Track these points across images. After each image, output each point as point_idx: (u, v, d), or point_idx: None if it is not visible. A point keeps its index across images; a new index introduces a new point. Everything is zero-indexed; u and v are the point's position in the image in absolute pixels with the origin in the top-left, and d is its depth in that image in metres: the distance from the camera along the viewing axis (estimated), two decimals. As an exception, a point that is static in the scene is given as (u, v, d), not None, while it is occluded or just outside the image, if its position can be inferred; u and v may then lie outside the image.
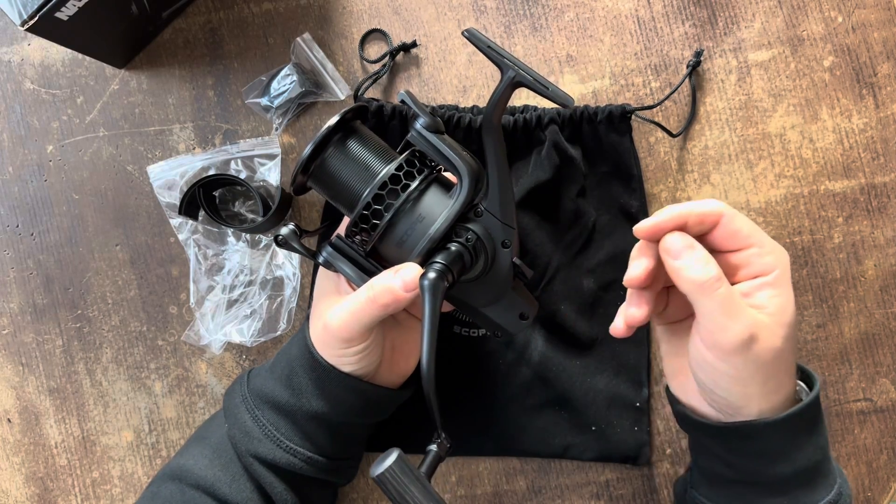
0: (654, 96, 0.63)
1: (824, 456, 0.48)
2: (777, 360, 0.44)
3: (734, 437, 0.47)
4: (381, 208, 0.48)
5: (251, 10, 0.64)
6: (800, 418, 0.46)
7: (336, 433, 0.54)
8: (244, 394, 0.54)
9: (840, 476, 0.49)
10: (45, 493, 0.65)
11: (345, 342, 0.49)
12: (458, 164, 0.47)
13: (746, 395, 0.45)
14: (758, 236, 0.45)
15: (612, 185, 0.62)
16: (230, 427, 0.53)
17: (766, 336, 0.43)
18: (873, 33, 0.63)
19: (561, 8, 0.64)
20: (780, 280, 0.45)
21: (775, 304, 0.44)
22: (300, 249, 0.51)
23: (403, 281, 0.46)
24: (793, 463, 0.46)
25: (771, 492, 0.47)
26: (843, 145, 0.63)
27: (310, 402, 0.52)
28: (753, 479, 0.48)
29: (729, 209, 0.45)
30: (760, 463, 0.47)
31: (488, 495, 0.63)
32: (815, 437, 0.47)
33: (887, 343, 0.63)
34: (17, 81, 0.65)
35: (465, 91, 0.64)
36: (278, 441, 0.52)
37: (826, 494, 0.47)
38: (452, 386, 0.61)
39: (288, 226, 0.51)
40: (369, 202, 0.48)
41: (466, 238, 0.48)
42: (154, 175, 0.62)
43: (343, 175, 0.49)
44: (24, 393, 0.65)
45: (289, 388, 0.52)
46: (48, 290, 0.65)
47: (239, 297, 0.63)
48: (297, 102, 0.63)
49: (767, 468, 0.47)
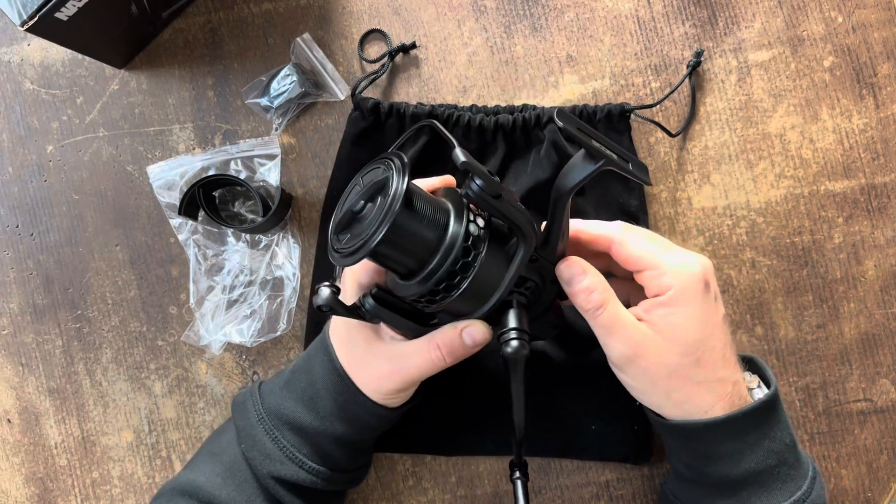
0: (654, 96, 0.63)
1: (780, 461, 0.48)
2: (673, 374, 0.46)
3: (679, 434, 0.49)
4: (458, 272, 0.45)
5: (251, 10, 0.64)
6: (741, 422, 0.47)
7: (353, 449, 0.54)
8: (260, 413, 0.53)
9: (813, 483, 0.49)
10: (44, 494, 0.65)
11: (400, 393, 0.50)
12: (521, 224, 0.45)
13: (654, 404, 0.49)
14: (651, 259, 0.47)
15: (610, 185, 0.62)
16: (247, 448, 0.52)
17: (655, 352, 0.46)
18: (873, 33, 0.63)
19: (561, 8, 0.64)
20: (676, 299, 0.46)
21: (667, 323, 0.46)
22: (346, 314, 0.47)
23: (473, 340, 0.47)
24: (738, 465, 0.47)
25: (719, 492, 0.49)
26: (844, 145, 0.63)
27: (334, 426, 0.51)
28: (702, 479, 0.50)
29: (624, 234, 0.47)
30: (705, 463, 0.49)
31: (488, 495, 0.63)
32: (766, 442, 0.48)
33: (887, 343, 0.63)
34: (16, 82, 0.65)
35: (465, 91, 0.64)
36: (301, 463, 0.52)
37: (784, 499, 0.47)
38: (452, 385, 0.61)
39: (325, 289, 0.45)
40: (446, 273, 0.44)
41: (525, 286, 0.48)
42: (154, 175, 0.62)
43: (408, 243, 0.44)
44: (24, 393, 0.65)
45: (312, 410, 0.52)
46: (48, 291, 0.65)
47: (239, 297, 0.63)
48: (296, 102, 0.63)
49: (712, 468, 0.48)
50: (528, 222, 0.45)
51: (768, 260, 0.63)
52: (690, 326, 0.46)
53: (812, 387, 0.63)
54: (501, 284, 0.46)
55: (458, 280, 0.45)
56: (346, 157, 0.62)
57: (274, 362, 0.64)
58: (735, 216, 0.63)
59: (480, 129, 0.60)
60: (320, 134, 0.64)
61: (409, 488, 0.64)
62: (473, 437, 0.62)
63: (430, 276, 0.44)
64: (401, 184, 0.42)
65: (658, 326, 0.46)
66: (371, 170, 0.45)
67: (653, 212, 0.63)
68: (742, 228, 0.63)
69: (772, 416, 0.48)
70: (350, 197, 0.46)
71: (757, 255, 0.63)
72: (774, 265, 0.63)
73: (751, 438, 0.47)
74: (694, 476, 0.51)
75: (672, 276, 0.46)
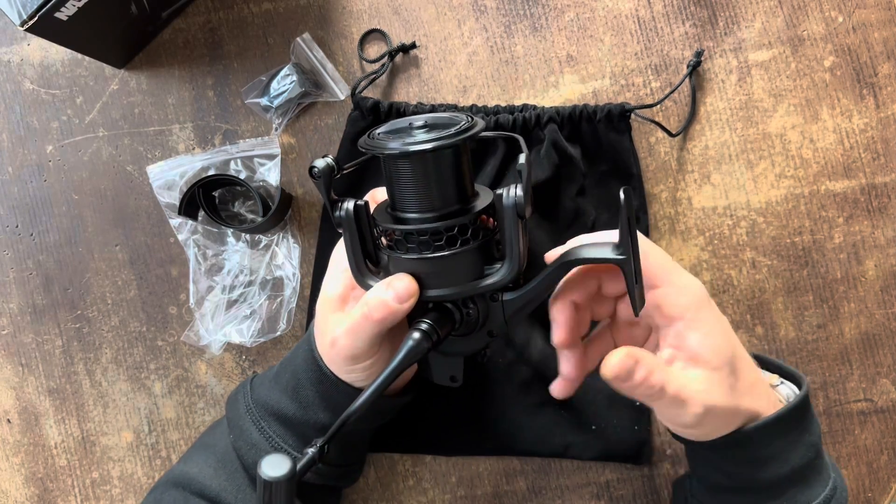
0: (654, 96, 0.63)
1: (817, 453, 0.48)
2: (727, 402, 0.45)
3: (726, 447, 0.47)
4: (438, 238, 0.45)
5: (251, 10, 0.64)
6: (788, 419, 0.46)
7: (342, 442, 0.54)
8: (248, 404, 0.54)
9: (834, 471, 0.49)
10: (44, 494, 0.65)
11: (352, 360, 0.49)
12: (514, 255, 0.45)
13: (717, 432, 0.47)
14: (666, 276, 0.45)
15: (611, 185, 0.62)
16: (235, 439, 0.53)
17: (713, 393, 0.44)
18: (874, 33, 0.63)
19: (561, 8, 0.64)
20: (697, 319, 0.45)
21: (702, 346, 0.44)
22: (325, 193, 0.46)
23: (396, 294, 0.45)
24: (786, 463, 0.47)
25: (769, 495, 0.48)
26: (844, 145, 0.63)
27: (317, 415, 0.52)
28: (750, 485, 0.48)
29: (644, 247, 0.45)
30: (755, 468, 0.47)
31: (488, 496, 0.63)
32: (807, 436, 0.47)
33: (888, 343, 0.63)
34: (16, 81, 0.65)
35: (465, 91, 0.64)
36: (286, 453, 0.52)
37: (822, 490, 0.47)
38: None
39: (326, 159, 0.45)
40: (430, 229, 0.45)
41: (468, 312, 0.47)
42: (154, 175, 0.62)
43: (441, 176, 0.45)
44: (24, 393, 0.65)
45: (295, 400, 0.52)
46: (48, 291, 0.65)
47: (239, 297, 0.63)
48: (296, 102, 0.63)
49: (762, 472, 0.47)
50: (520, 260, 0.45)
51: (768, 260, 0.63)
52: (720, 342, 0.45)
53: (812, 387, 0.63)
54: (455, 287, 0.46)
55: (429, 245, 0.45)
56: (345, 157, 0.62)
57: (274, 362, 0.64)
58: (735, 216, 0.63)
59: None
60: (320, 134, 0.64)
61: (409, 488, 0.64)
62: (474, 438, 0.62)
63: (418, 221, 0.45)
64: (474, 129, 0.44)
65: (695, 354, 0.44)
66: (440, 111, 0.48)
67: (653, 212, 0.63)
68: (742, 228, 0.63)
69: (808, 410, 0.48)
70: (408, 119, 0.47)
71: (757, 255, 0.63)
72: (775, 265, 0.63)
73: (794, 435, 0.47)
74: (737, 484, 0.49)
75: (686, 294, 0.45)
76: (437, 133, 0.43)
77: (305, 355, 0.52)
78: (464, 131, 0.43)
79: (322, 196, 0.46)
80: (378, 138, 0.45)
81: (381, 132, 0.46)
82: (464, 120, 0.44)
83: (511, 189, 0.44)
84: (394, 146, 0.43)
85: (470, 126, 0.44)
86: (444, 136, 0.43)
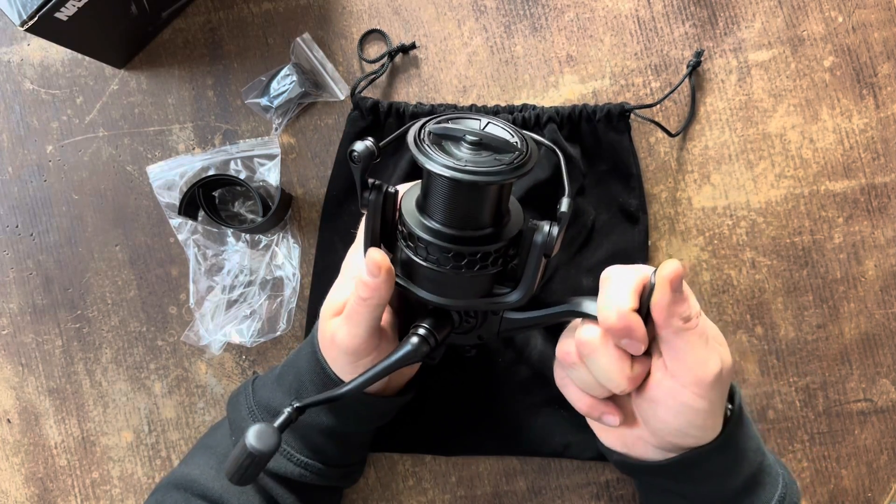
0: (654, 96, 0.63)
1: (763, 454, 0.49)
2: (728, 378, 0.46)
3: (683, 467, 0.48)
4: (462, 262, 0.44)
5: (251, 10, 0.64)
6: (736, 429, 0.47)
7: (343, 443, 0.54)
8: (250, 406, 0.53)
9: (780, 466, 0.50)
10: (44, 494, 0.65)
11: (353, 355, 0.49)
12: (528, 284, 0.45)
13: (714, 425, 0.46)
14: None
15: (610, 184, 0.62)
16: (237, 440, 0.52)
17: (726, 358, 0.45)
18: (874, 33, 0.63)
19: (561, 8, 0.64)
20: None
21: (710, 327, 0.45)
22: (360, 178, 0.45)
23: (367, 266, 0.45)
24: (741, 473, 0.48)
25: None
26: (844, 145, 0.63)
27: (320, 417, 0.52)
28: (709, 501, 0.49)
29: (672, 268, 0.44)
30: (712, 484, 0.48)
31: (488, 496, 0.63)
32: (752, 441, 0.48)
33: (888, 343, 0.63)
34: (16, 81, 0.65)
35: (465, 91, 0.64)
36: (289, 455, 0.52)
37: (775, 490, 0.48)
38: (452, 385, 0.61)
39: (366, 142, 0.44)
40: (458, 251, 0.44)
41: (468, 319, 0.48)
42: (154, 175, 0.62)
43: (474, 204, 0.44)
44: (24, 393, 0.65)
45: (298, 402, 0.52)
46: (48, 291, 0.65)
47: (238, 297, 0.63)
48: (296, 102, 0.63)
49: (720, 486, 0.48)
50: (533, 288, 0.46)
51: (768, 260, 0.63)
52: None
53: (812, 387, 0.63)
54: (463, 300, 0.46)
55: (449, 262, 0.44)
56: (345, 157, 0.62)
57: (274, 362, 0.64)
58: (735, 216, 0.63)
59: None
60: (320, 134, 0.64)
61: (409, 488, 0.64)
62: (473, 437, 0.62)
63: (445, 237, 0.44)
64: (528, 165, 0.42)
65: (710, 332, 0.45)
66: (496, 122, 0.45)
67: (653, 212, 0.63)
68: (742, 228, 0.63)
69: (744, 415, 0.49)
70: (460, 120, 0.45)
71: (757, 255, 0.63)
72: (774, 265, 0.63)
73: (743, 441, 0.48)
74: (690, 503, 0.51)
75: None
76: (491, 159, 0.42)
77: (308, 358, 0.52)
78: (519, 166, 0.41)
79: (356, 180, 0.45)
80: (427, 145, 0.42)
81: (432, 132, 0.43)
82: (518, 147, 0.42)
83: (545, 228, 0.44)
84: (442, 164, 0.41)
85: (524, 160, 0.42)
86: (496, 171, 0.41)
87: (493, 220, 0.45)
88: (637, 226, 0.61)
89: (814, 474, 0.63)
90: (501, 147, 0.42)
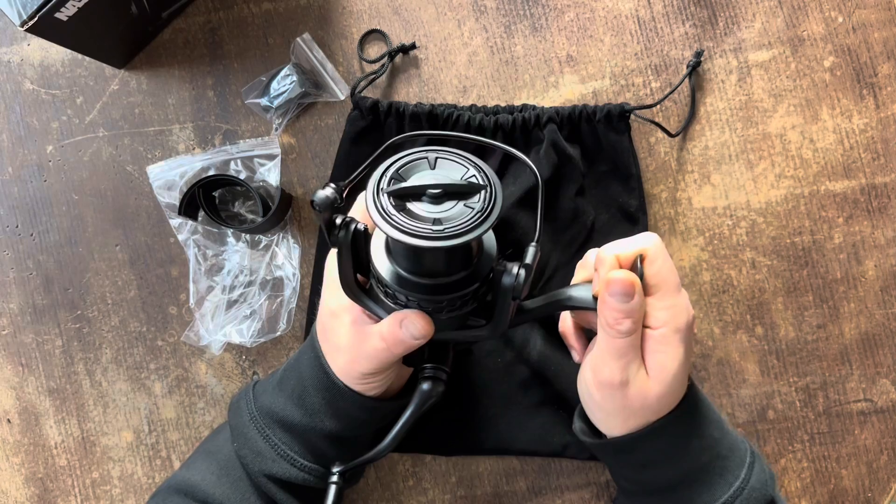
0: (654, 96, 0.63)
1: (714, 455, 0.49)
2: (644, 407, 0.47)
3: (616, 451, 0.50)
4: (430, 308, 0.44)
5: (251, 10, 0.64)
6: (671, 428, 0.48)
7: (346, 446, 0.54)
8: (252, 411, 0.53)
9: (749, 469, 0.50)
10: (44, 494, 0.65)
11: (367, 376, 0.50)
12: (499, 324, 0.46)
13: (607, 424, 0.49)
14: (663, 286, 0.46)
15: (610, 185, 0.62)
16: (239, 447, 0.52)
17: (639, 387, 0.46)
18: (874, 33, 0.63)
19: (561, 8, 0.64)
20: (667, 339, 0.46)
21: (655, 361, 0.46)
22: (325, 225, 0.43)
23: (412, 335, 0.46)
24: (676, 466, 0.49)
25: (662, 497, 0.50)
26: (844, 146, 0.63)
27: (323, 422, 0.51)
28: (645, 488, 0.51)
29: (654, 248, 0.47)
30: (646, 472, 0.50)
31: (488, 496, 0.63)
32: (698, 440, 0.49)
33: (888, 343, 0.63)
34: (16, 82, 0.65)
35: (465, 91, 0.64)
36: (293, 461, 0.52)
37: (725, 491, 0.48)
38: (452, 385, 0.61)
39: (326, 191, 0.42)
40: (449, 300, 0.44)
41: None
42: (154, 175, 0.62)
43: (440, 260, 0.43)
44: (24, 393, 0.65)
45: (301, 407, 0.52)
46: (48, 291, 0.65)
47: (238, 297, 0.63)
48: (296, 102, 0.63)
49: (653, 475, 0.50)
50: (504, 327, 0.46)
51: (768, 260, 0.63)
52: (674, 368, 0.47)
53: (812, 387, 0.63)
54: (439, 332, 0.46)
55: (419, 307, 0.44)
56: (345, 157, 0.62)
57: (274, 363, 0.64)
58: (735, 216, 0.63)
59: (480, 129, 0.60)
60: (320, 134, 0.64)
61: (409, 488, 0.64)
62: (473, 437, 0.62)
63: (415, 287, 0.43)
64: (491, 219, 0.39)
65: (648, 363, 0.47)
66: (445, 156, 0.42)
67: (653, 212, 0.63)
68: (742, 228, 0.63)
69: (696, 415, 0.49)
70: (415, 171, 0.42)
71: (757, 255, 0.63)
72: (774, 265, 0.63)
73: (683, 439, 0.48)
74: (635, 488, 0.52)
75: (670, 313, 0.46)
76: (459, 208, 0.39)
77: (311, 362, 0.51)
78: (486, 216, 0.39)
79: (322, 227, 0.44)
80: (387, 208, 0.39)
81: (389, 190, 0.40)
82: (481, 184, 0.40)
83: (514, 270, 0.43)
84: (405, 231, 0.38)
85: (492, 203, 0.39)
86: (463, 230, 0.38)
87: (464, 265, 0.44)
88: (637, 226, 0.61)
89: (814, 474, 0.63)
90: (466, 191, 0.40)
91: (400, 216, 0.39)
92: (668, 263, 0.47)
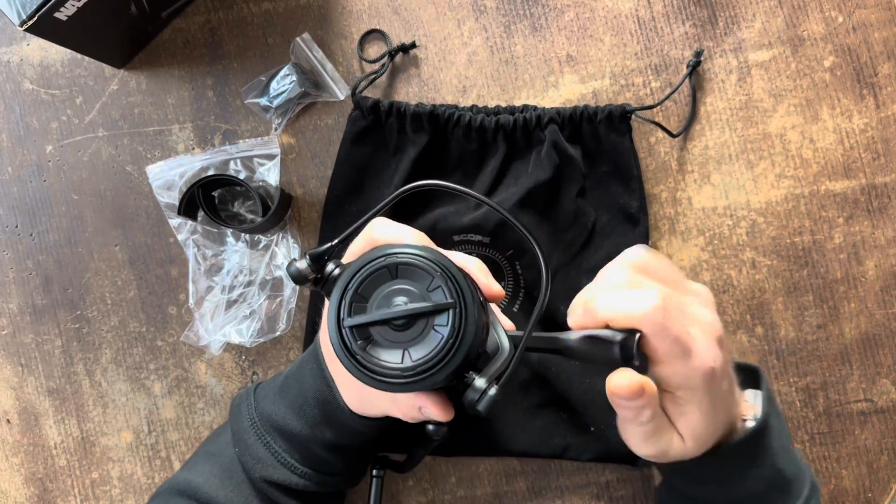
0: (654, 96, 0.63)
1: (770, 485, 0.48)
2: (684, 458, 0.46)
3: (672, 472, 0.50)
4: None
5: (251, 10, 0.64)
6: (731, 454, 0.47)
7: (345, 454, 0.54)
8: (252, 417, 0.53)
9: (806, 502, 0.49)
10: (44, 494, 0.65)
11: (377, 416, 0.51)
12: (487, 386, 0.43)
13: None
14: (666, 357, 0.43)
15: (611, 186, 0.62)
16: (241, 452, 0.53)
17: (677, 451, 0.46)
18: (874, 33, 0.63)
19: (561, 8, 0.63)
20: (687, 398, 0.44)
21: (683, 424, 0.45)
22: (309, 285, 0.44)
23: (431, 419, 0.47)
24: (728, 493, 0.48)
25: None
26: (844, 145, 0.63)
27: (323, 433, 0.51)
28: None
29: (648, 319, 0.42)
30: (702, 491, 0.49)
31: (488, 496, 0.63)
32: (755, 470, 0.47)
33: (888, 344, 0.63)
34: (16, 82, 0.65)
35: (465, 91, 0.64)
36: (293, 467, 0.52)
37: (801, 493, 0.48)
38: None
39: (300, 264, 0.43)
40: None
41: None
42: (153, 175, 0.62)
43: None
44: (24, 393, 0.65)
45: (301, 418, 0.52)
46: (47, 291, 0.65)
47: (238, 297, 0.63)
48: (296, 102, 0.63)
49: (709, 496, 0.49)
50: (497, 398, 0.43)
51: (768, 260, 0.63)
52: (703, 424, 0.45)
53: (812, 387, 0.63)
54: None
55: None
56: (345, 157, 0.62)
57: (273, 363, 0.64)
58: (735, 216, 0.63)
59: (481, 130, 0.60)
60: (320, 134, 0.64)
61: (409, 488, 0.64)
62: (473, 438, 0.62)
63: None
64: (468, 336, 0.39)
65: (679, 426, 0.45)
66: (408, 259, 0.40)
67: (653, 212, 0.63)
68: (742, 228, 0.63)
69: (760, 444, 0.47)
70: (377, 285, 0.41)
71: (757, 255, 0.63)
72: (775, 265, 0.63)
73: (738, 467, 0.48)
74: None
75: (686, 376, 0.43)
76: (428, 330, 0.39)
77: (314, 374, 0.51)
78: (451, 352, 0.39)
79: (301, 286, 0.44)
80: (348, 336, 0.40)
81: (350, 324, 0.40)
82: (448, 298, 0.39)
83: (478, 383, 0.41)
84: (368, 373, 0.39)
85: (460, 336, 0.39)
86: (435, 367, 0.39)
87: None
88: (637, 227, 0.61)
89: (814, 474, 0.63)
90: (433, 310, 0.39)
91: (365, 355, 0.39)
92: (668, 330, 0.42)
